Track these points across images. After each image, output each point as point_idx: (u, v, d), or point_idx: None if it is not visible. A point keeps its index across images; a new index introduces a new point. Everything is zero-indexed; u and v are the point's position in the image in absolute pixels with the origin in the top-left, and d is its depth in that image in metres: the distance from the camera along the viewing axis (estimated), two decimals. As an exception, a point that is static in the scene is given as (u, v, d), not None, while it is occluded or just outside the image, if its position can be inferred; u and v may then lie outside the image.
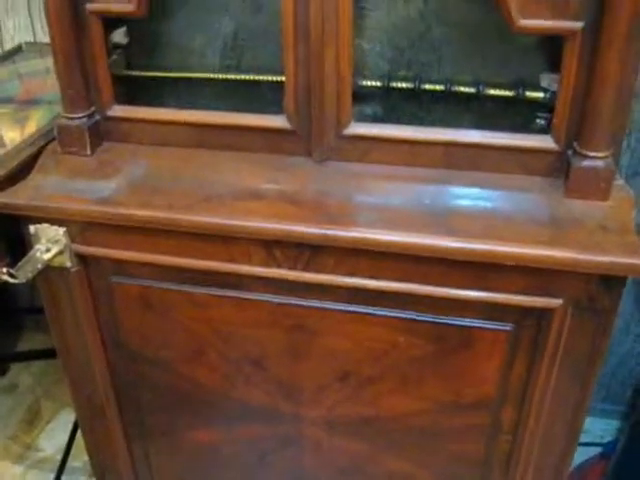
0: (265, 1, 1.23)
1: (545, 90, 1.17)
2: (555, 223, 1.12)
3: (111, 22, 1.26)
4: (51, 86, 1.64)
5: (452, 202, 1.15)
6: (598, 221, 1.12)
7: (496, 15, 1.07)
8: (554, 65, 1.13)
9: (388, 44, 1.22)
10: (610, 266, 1.06)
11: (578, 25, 1.05)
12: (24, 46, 1.93)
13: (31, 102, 1.63)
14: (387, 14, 1.20)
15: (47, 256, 1.28)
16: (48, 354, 2.15)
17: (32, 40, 1.97)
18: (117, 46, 1.31)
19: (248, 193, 1.20)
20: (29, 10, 1.94)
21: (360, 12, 1.19)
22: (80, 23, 1.23)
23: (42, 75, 1.77)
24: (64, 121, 1.29)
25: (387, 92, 1.23)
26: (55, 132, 1.31)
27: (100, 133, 1.32)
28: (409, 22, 1.19)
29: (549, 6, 1.05)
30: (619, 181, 1.16)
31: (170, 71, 1.33)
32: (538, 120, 1.21)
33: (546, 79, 1.17)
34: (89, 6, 1.21)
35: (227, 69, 1.31)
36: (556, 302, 1.13)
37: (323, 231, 1.12)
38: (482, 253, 1.08)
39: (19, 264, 1.26)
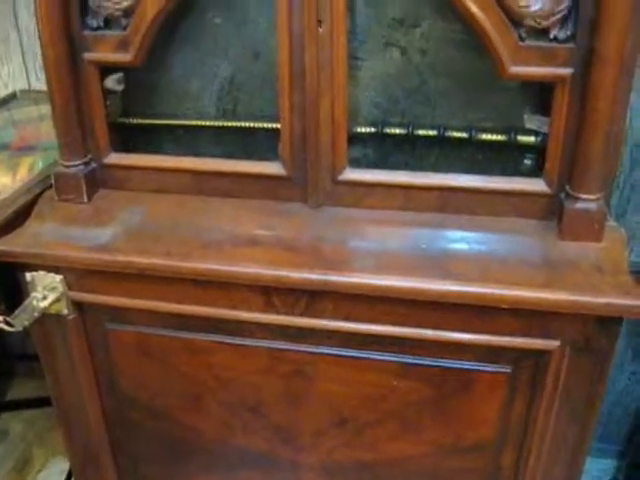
0: (261, 49, 1.25)
1: (536, 134, 1.19)
2: (550, 265, 1.13)
3: (107, 69, 1.28)
4: (45, 133, 1.66)
5: (448, 246, 1.17)
6: (592, 262, 1.13)
7: (487, 61, 1.10)
8: (544, 108, 1.16)
9: (382, 92, 1.24)
10: (605, 307, 1.08)
11: (567, 72, 1.08)
12: (18, 93, 1.95)
13: (25, 149, 1.64)
14: (380, 63, 1.22)
15: (44, 304, 1.28)
16: (41, 402, 2.13)
17: (26, 87, 1.98)
18: (112, 92, 1.33)
19: (245, 239, 1.21)
20: (23, 58, 1.96)
21: (354, 62, 1.21)
22: (77, 72, 1.24)
23: (36, 122, 1.79)
24: (61, 169, 1.30)
25: (381, 138, 1.25)
26: (52, 179, 1.32)
27: (97, 180, 1.33)
28: (402, 70, 1.22)
29: (539, 53, 1.08)
30: (611, 222, 1.18)
31: (166, 118, 1.34)
32: (526, 161, 1.23)
33: (531, 120, 1.19)
34: (87, 55, 1.23)
35: (223, 115, 1.32)
36: (553, 344, 1.14)
37: (320, 277, 1.13)
38: (479, 296, 1.09)
39: (15, 312, 1.26)
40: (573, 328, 1.12)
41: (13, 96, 1.94)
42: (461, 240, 1.17)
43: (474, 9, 1.06)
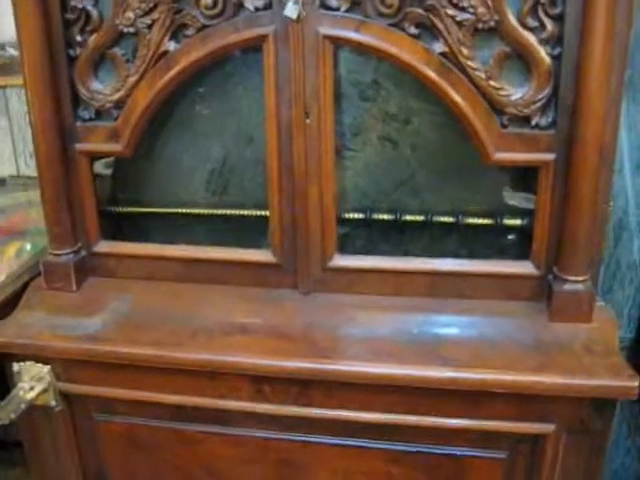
0: (250, 138, 1.27)
1: (522, 216, 1.21)
2: (541, 347, 1.13)
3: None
4: (33, 219, 1.66)
5: (439, 331, 1.17)
6: (584, 344, 1.13)
7: (473, 147, 1.13)
8: (528, 185, 1.18)
9: (372, 181, 1.26)
10: (599, 389, 1.08)
11: (550, 157, 1.11)
12: (8, 179, 1.97)
13: (14, 234, 1.65)
14: (372, 155, 1.24)
15: (31, 395, 1.25)
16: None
17: (15, 172, 2.00)
18: (100, 176, 1.34)
19: (235, 327, 1.21)
20: (13, 143, 1.98)
21: (347, 152, 1.24)
22: (68, 162, 1.26)
23: (25, 208, 1.80)
24: (50, 257, 1.30)
25: (370, 223, 1.27)
26: (41, 268, 1.32)
27: (86, 268, 1.33)
28: (393, 162, 1.24)
29: (521, 140, 1.11)
30: (600, 302, 1.19)
31: (156, 205, 1.36)
32: (510, 236, 1.25)
33: (512, 198, 1.21)
34: (78, 146, 1.25)
35: (213, 202, 1.33)
36: (549, 427, 1.13)
37: (312, 366, 1.12)
38: (472, 382, 1.09)
39: (1, 404, 1.24)
40: (568, 411, 1.12)
41: (2, 182, 1.95)
42: (452, 324, 1.17)
43: (457, 98, 1.09)
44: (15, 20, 1.18)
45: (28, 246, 1.58)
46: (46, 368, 1.26)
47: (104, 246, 1.31)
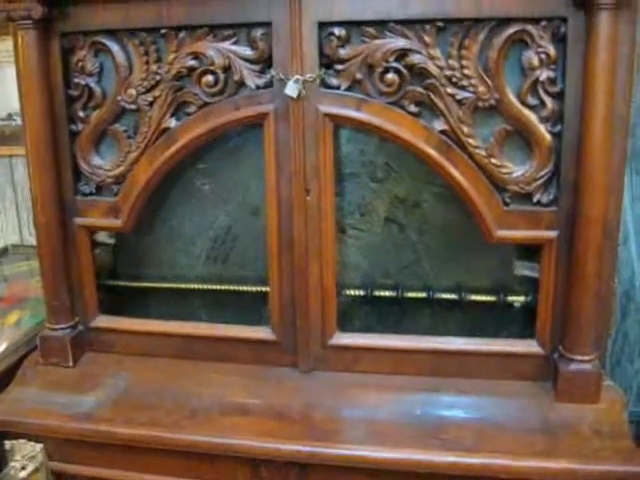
0: (250, 215, 1.27)
1: (526, 294, 1.19)
2: (548, 430, 1.10)
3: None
4: (34, 289, 1.66)
5: (442, 412, 1.13)
6: (591, 425, 1.10)
7: (473, 224, 1.12)
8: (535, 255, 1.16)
9: (371, 255, 1.25)
10: (607, 475, 1.03)
11: (552, 234, 1.10)
12: (10, 248, 1.96)
13: (15, 303, 1.64)
14: (378, 236, 1.24)
15: (22, 474, 1.22)
16: None
17: (19, 241, 2.00)
18: (103, 244, 1.34)
19: (234, 407, 1.18)
20: (17, 212, 1.98)
21: (353, 231, 1.24)
22: (68, 236, 1.26)
23: (26, 277, 1.79)
24: (47, 332, 1.29)
25: (372, 300, 1.25)
26: (37, 343, 1.30)
27: (83, 343, 1.31)
28: (399, 245, 1.24)
29: (523, 217, 1.10)
30: (607, 381, 1.15)
31: (155, 280, 1.35)
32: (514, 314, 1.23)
33: (522, 268, 1.20)
34: (78, 220, 1.25)
35: (214, 274, 1.32)
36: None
37: (311, 449, 1.09)
38: (476, 468, 1.05)
39: (-8, 484, 1.21)
40: (576, 496, 1.08)
41: (5, 250, 1.95)
42: (455, 405, 1.14)
43: (458, 176, 1.08)
44: (19, 94, 1.19)
45: (27, 317, 1.56)
46: (39, 446, 1.23)
47: (102, 321, 1.30)
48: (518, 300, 1.20)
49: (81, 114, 1.21)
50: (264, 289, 1.23)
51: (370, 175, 1.21)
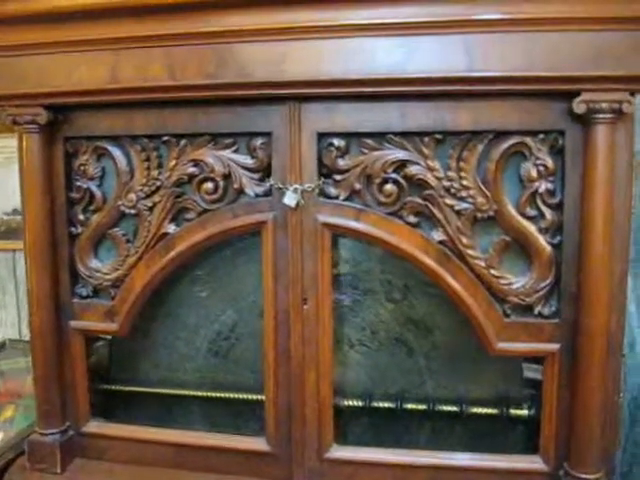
0: (246, 323, 1.25)
1: (529, 407, 1.16)
2: None
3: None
4: (29, 386, 1.62)
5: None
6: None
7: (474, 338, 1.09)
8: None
9: (369, 365, 1.22)
10: None
11: (554, 347, 1.07)
12: (8, 343, 1.94)
13: (10, 399, 1.60)
14: (382, 351, 1.22)
15: None
16: None
17: (17, 336, 1.98)
18: (102, 339, 1.32)
19: (225, 524, 1.13)
20: (17, 307, 1.97)
21: (361, 347, 1.22)
22: (63, 339, 1.24)
23: (23, 374, 1.76)
24: (36, 436, 1.25)
25: (369, 412, 1.21)
26: (25, 447, 1.26)
27: (73, 449, 1.26)
28: (398, 355, 1.22)
29: (524, 329, 1.08)
30: (617, 501, 1.11)
31: (150, 384, 1.32)
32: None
33: (531, 370, 1.16)
34: (73, 323, 1.23)
35: (207, 384, 1.30)
36: None
37: None
38: None
39: None
40: None
41: (3, 345, 1.93)
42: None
43: (457, 287, 1.07)
44: (21, 194, 1.20)
45: (19, 416, 1.53)
46: None
47: (93, 426, 1.26)
48: (522, 414, 1.16)
49: (81, 217, 1.21)
50: (260, 397, 1.19)
51: (387, 295, 1.20)
